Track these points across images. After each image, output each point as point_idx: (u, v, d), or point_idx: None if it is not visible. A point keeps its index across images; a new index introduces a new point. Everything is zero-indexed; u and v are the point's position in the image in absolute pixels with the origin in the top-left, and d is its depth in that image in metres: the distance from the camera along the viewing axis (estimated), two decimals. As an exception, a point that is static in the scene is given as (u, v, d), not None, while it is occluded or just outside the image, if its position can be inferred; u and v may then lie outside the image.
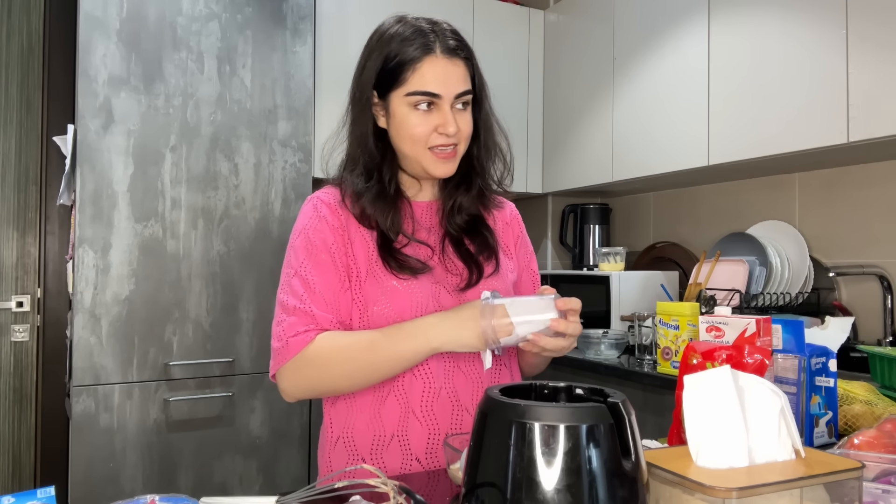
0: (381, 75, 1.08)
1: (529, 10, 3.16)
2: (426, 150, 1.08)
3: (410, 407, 1.08)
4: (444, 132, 1.06)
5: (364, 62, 1.11)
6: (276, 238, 2.32)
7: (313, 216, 1.12)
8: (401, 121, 1.08)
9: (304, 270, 1.09)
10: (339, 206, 1.12)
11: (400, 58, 1.06)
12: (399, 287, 1.08)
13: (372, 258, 1.10)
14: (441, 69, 1.05)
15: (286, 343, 1.05)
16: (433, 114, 1.07)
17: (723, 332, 1.12)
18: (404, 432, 1.08)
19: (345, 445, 1.11)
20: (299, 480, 2.32)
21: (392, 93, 1.08)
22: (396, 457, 1.08)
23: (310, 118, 2.40)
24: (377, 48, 1.09)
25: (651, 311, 2.28)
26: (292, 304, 1.07)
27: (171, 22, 2.18)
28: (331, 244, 1.10)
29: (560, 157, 3.04)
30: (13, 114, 2.80)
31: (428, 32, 1.07)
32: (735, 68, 2.19)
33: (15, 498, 0.67)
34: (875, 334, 2.15)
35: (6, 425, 2.75)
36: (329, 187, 1.17)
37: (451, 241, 1.16)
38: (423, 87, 1.05)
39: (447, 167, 1.11)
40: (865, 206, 2.20)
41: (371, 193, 1.11)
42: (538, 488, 0.62)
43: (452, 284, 1.13)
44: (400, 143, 1.10)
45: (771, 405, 0.77)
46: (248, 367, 2.26)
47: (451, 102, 1.07)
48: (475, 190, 1.18)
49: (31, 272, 2.83)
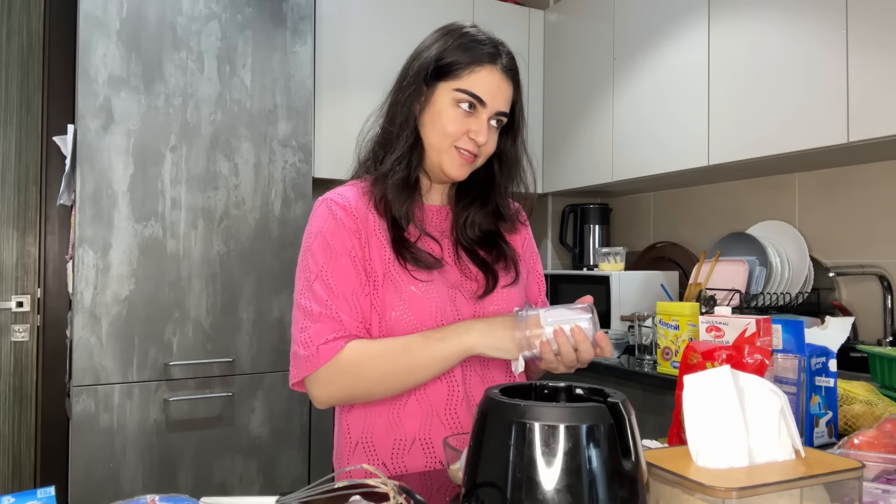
0: (439, 62, 1.09)
1: (529, 10, 3.16)
2: (452, 147, 1.10)
3: (434, 409, 1.09)
4: (475, 138, 1.09)
5: (427, 46, 1.12)
6: (276, 238, 2.32)
7: (329, 218, 1.10)
8: (439, 111, 1.09)
9: (326, 274, 1.07)
10: (353, 208, 1.11)
11: (463, 53, 1.08)
12: (417, 292, 1.08)
13: (388, 261, 1.09)
14: (496, 82, 1.09)
15: (316, 351, 1.03)
16: (470, 118, 1.09)
17: (723, 332, 1.11)
18: (427, 435, 1.09)
19: (364, 450, 1.11)
20: (299, 480, 2.32)
21: (441, 82, 1.09)
22: (419, 459, 1.08)
23: (310, 118, 2.40)
24: (445, 38, 1.11)
25: (651, 311, 2.28)
26: (317, 310, 1.05)
27: (171, 22, 2.18)
28: (349, 247, 1.08)
29: (560, 157, 3.04)
30: (13, 114, 2.80)
31: (498, 45, 1.11)
32: (735, 68, 2.19)
33: (15, 498, 0.67)
34: (875, 334, 2.15)
35: (6, 425, 2.75)
36: (343, 187, 1.16)
37: (464, 250, 1.17)
38: (474, 90, 1.07)
39: (462, 170, 1.12)
40: (865, 206, 2.20)
41: (396, 177, 1.10)
42: (538, 488, 0.62)
43: (470, 291, 1.14)
44: (430, 133, 1.11)
45: (771, 405, 0.77)
46: (248, 367, 2.26)
47: (489, 115, 1.09)
48: (490, 206, 1.20)
49: (31, 272, 2.83)
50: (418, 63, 1.11)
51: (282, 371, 2.30)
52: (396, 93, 1.14)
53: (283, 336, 2.31)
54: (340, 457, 1.15)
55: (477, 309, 1.13)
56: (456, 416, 1.10)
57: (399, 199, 1.11)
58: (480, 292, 1.14)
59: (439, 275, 1.11)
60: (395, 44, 2.72)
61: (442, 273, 1.12)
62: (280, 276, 2.31)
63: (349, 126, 2.67)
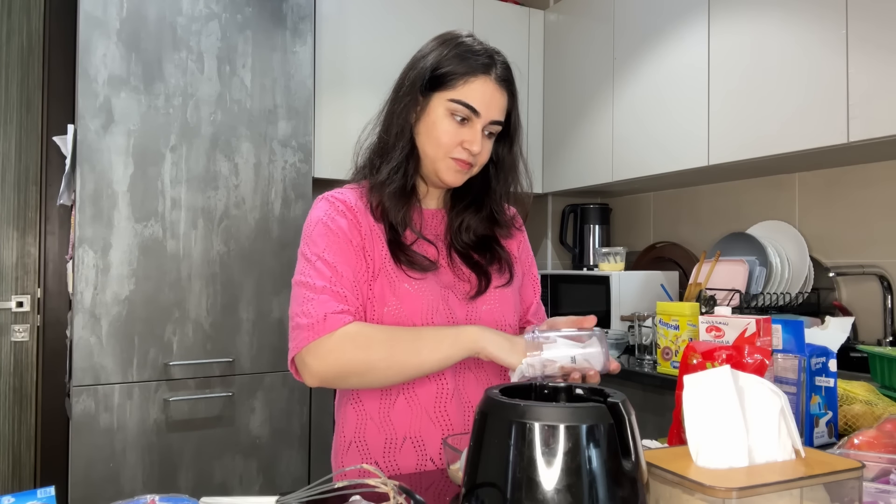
0: (434, 72, 1.10)
1: (529, 10, 3.15)
2: (447, 157, 1.11)
3: (423, 408, 1.10)
4: (469, 148, 1.09)
5: (423, 56, 1.13)
6: (276, 238, 2.32)
7: (329, 209, 1.11)
8: (433, 122, 1.10)
9: (328, 255, 1.07)
10: (353, 206, 1.12)
11: (458, 64, 1.09)
12: (410, 290, 1.09)
13: (385, 258, 1.10)
14: (489, 92, 1.09)
15: (323, 318, 1.01)
16: (464, 129, 1.10)
17: (723, 332, 1.11)
18: (418, 434, 1.09)
19: (357, 449, 1.12)
20: (299, 480, 2.32)
21: (436, 93, 1.10)
22: (411, 458, 1.09)
23: (310, 118, 2.40)
24: (441, 48, 1.12)
25: (651, 311, 2.28)
26: (321, 284, 1.04)
27: (171, 22, 2.18)
28: (350, 236, 1.09)
29: (560, 157, 3.04)
30: (13, 114, 2.80)
31: (493, 55, 1.12)
32: (735, 68, 2.19)
33: (15, 498, 0.67)
34: (875, 334, 2.15)
35: (6, 425, 2.75)
36: (342, 188, 1.17)
37: (458, 253, 1.18)
38: (468, 100, 1.08)
39: (458, 177, 1.13)
40: (865, 206, 2.20)
41: (394, 185, 1.11)
42: (538, 488, 0.62)
43: (462, 291, 1.15)
44: (425, 142, 1.12)
45: (771, 405, 0.77)
46: (248, 367, 2.26)
47: (483, 125, 1.10)
48: (485, 212, 1.21)
49: (31, 272, 2.83)
50: (414, 73, 1.12)
51: (282, 371, 2.30)
52: (393, 102, 1.15)
53: (283, 336, 2.31)
54: (336, 456, 1.17)
55: (469, 309, 1.14)
56: (446, 415, 1.10)
57: (396, 207, 1.12)
58: (473, 293, 1.15)
59: (433, 275, 1.13)
60: (394, 44, 2.72)
61: (436, 274, 1.13)
62: (280, 276, 2.31)
63: (349, 126, 2.69)
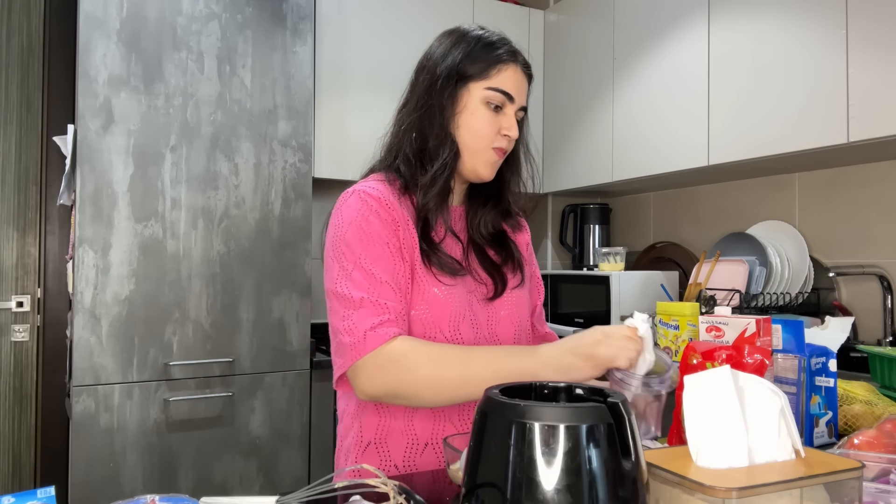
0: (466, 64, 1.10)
1: (529, 10, 3.15)
2: (489, 149, 1.12)
3: (447, 414, 1.10)
4: (508, 134, 1.11)
5: (445, 52, 1.12)
6: (276, 238, 2.32)
7: (362, 208, 1.07)
8: (472, 112, 1.11)
9: (365, 262, 1.03)
10: (386, 200, 1.08)
11: (490, 53, 1.11)
12: (440, 295, 1.08)
13: (416, 260, 1.08)
14: (519, 78, 1.13)
15: (363, 337, 0.98)
16: (499, 116, 1.11)
17: (723, 332, 1.11)
18: (439, 439, 1.09)
19: (377, 450, 1.10)
20: (299, 480, 2.31)
21: (470, 83, 1.10)
22: (431, 462, 1.09)
23: (310, 118, 2.40)
24: (462, 42, 1.12)
25: (651, 312, 2.28)
26: (357, 295, 1.01)
27: (171, 22, 2.18)
28: (385, 236, 1.05)
29: (560, 157, 3.04)
30: (13, 114, 2.80)
31: (511, 44, 1.15)
32: (735, 68, 2.19)
33: (15, 498, 0.67)
34: (875, 334, 2.15)
35: (6, 425, 2.75)
36: (370, 180, 1.13)
37: (475, 249, 1.18)
38: (504, 87, 1.10)
39: (494, 170, 1.15)
40: (865, 206, 2.20)
41: (438, 186, 1.10)
42: (538, 488, 0.62)
43: (481, 294, 1.15)
44: (464, 135, 1.11)
45: (771, 405, 0.77)
46: (248, 367, 2.26)
47: (515, 110, 1.12)
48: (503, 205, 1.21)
49: (31, 272, 2.82)
50: (444, 67, 1.11)
51: (282, 371, 2.30)
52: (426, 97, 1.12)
53: (282, 336, 2.31)
54: (348, 455, 1.13)
55: (489, 311, 1.14)
56: (468, 422, 1.10)
57: (439, 207, 1.11)
58: (490, 295, 1.15)
59: (461, 279, 1.12)
60: (395, 44, 2.72)
61: (464, 279, 1.13)
62: (280, 276, 2.31)
63: (349, 126, 2.69)
